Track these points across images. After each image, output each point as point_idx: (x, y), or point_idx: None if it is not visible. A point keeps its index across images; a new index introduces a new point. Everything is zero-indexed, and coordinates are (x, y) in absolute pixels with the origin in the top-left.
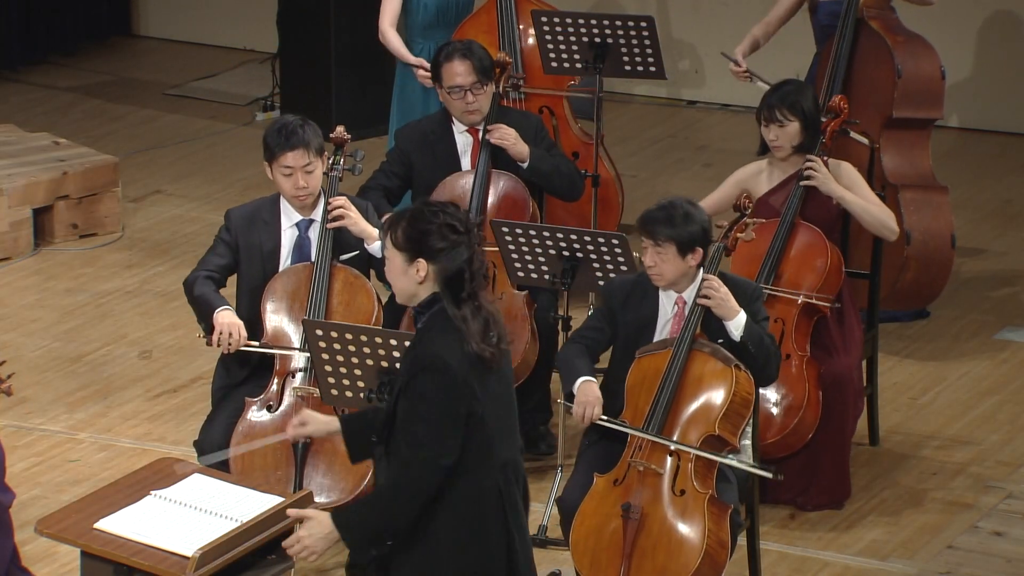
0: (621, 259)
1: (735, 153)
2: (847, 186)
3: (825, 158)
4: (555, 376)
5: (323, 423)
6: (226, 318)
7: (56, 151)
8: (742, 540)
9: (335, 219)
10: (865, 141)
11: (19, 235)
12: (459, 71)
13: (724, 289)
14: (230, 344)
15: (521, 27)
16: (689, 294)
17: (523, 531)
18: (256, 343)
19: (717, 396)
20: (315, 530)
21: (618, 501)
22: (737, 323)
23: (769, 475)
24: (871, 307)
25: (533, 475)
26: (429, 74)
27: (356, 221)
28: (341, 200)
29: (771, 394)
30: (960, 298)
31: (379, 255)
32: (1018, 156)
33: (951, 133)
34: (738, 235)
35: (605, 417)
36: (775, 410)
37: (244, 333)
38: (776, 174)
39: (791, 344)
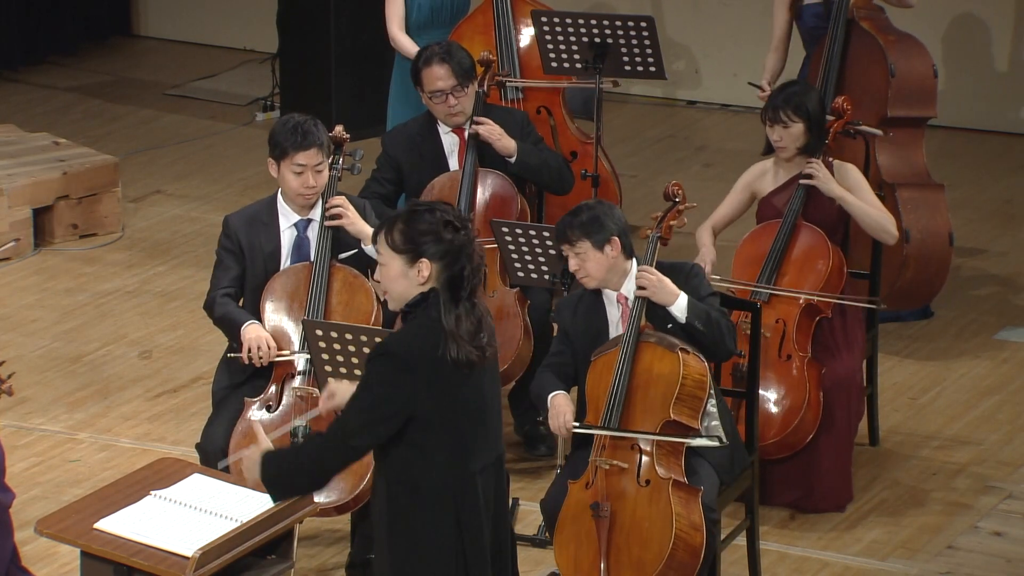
0: None
1: (735, 153)
2: (850, 188)
3: (830, 159)
4: None
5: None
6: (253, 332)
7: (56, 151)
8: (742, 540)
9: (333, 218)
10: (879, 133)
11: (19, 235)
12: (439, 75)
13: (657, 275)
14: (261, 358)
15: (517, 27)
16: (628, 289)
17: (482, 544)
18: (288, 351)
19: (667, 383)
20: (254, 454)
21: (589, 503)
22: (679, 306)
23: (717, 443)
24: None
25: (532, 475)
26: None
27: (353, 221)
28: (340, 199)
29: (772, 394)
30: (960, 298)
31: (375, 256)
32: (1018, 156)
33: (952, 133)
34: (671, 223)
35: (578, 423)
36: (775, 410)
37: (273, 344)
38: (780, 174)
39: (792, 345)
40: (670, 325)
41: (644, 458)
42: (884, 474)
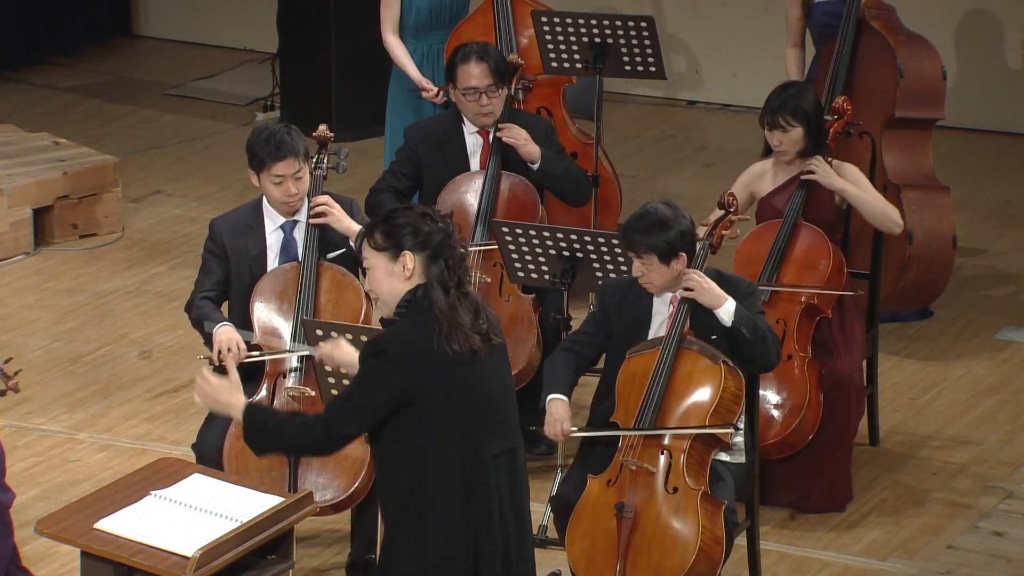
0: (621, 259)
1: (735, 153)
2: (854, 183)
3: (829, 159)
4: None
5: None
6: (224, 334)
7: (56, 151)
8: (742, 540)
9: (318, 216)
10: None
11: (19, 235)
12: (475, 73)
13: (705, 279)
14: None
15: (517, 27)
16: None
17: (493, 529)
18: (257, 353)
19: (706, 392)
20: (226, 391)
21: (612, 501)
22: (726, 309)
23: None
24: (871, 307)
25: (533, 475)
26: (431, 92)
27: (339, 218)
28: (324, 198)
29: (772, 395)
30: (960, 298)
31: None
32: (1019, 156)
33: (952, 133)
34: (723, 232)
35: (575, 428)
36: (776, 411)
37: (243, 346)
38: (780, 175)
39: (792, 344)
40: (714, 336)
41: (673, 464)
42: (884, 474)
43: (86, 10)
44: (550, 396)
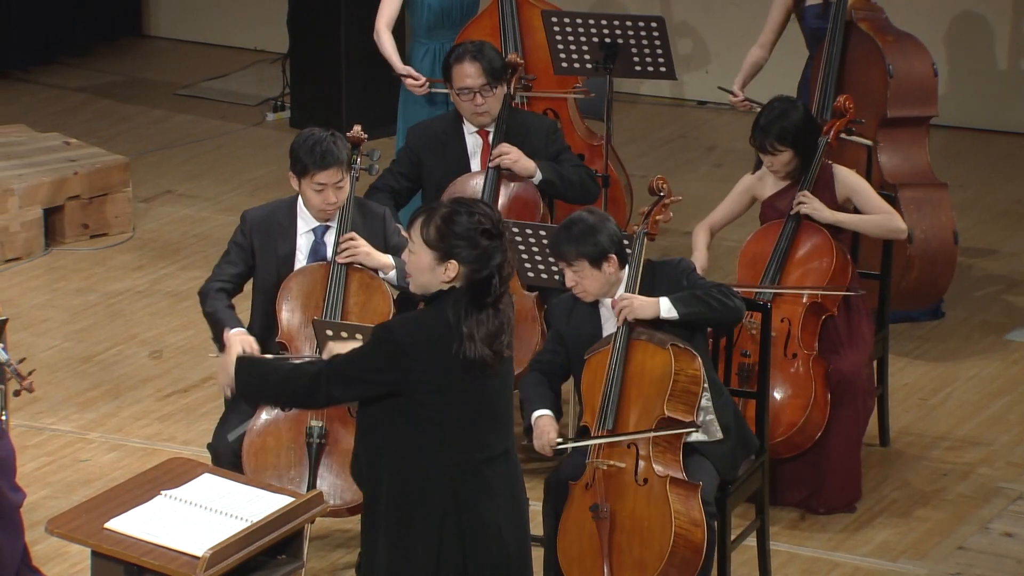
0: None
1: (745, 153)
2: (853, 191)
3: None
4: None
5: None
6: (237, 338)
7: (67, 151)
8: (752, 540)
9: (348, 257)
10: (867, 142)
11: (30, 235)
12: (469, 73)
13: (631, 297)
14: None
15: (523, 29)
16: (621, 295)
17: (485, 532)
18: (270, 356)
19: (660, 379)
20: (226, 358)
21: (589, 504)
22: (665, 308)
23: (710, 437)
24: (881, 308)
25: (539, 475)
26: (418, 82)
27: (369, 254)
28: (352, 235)
29: (777, 393)
30: (971, 299)
31: (395, 283)
32: None
33: (962, 133)
34: (657, 218)
35: (560, 439)
36: (782, 409)
37: (256, 347)
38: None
39: (797, 343)
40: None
41: (640, 456)
42: (894, 475)
43: (96, 10)
44: (536, 413)
